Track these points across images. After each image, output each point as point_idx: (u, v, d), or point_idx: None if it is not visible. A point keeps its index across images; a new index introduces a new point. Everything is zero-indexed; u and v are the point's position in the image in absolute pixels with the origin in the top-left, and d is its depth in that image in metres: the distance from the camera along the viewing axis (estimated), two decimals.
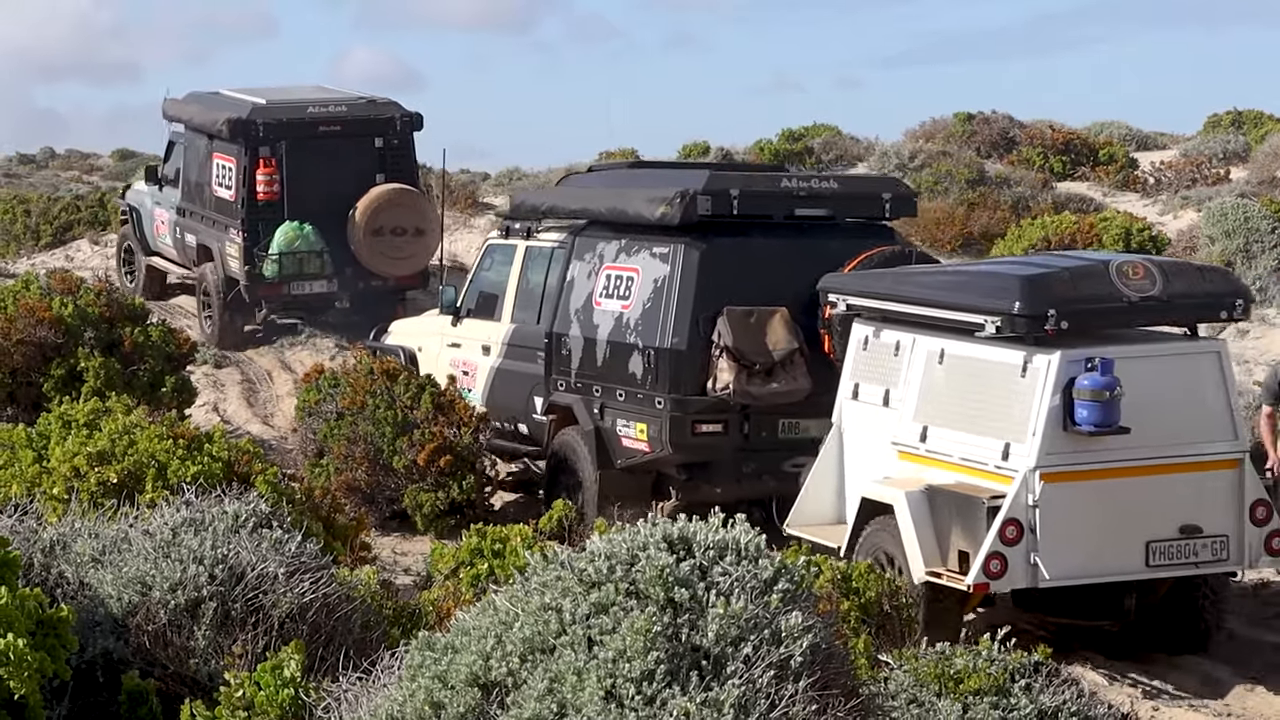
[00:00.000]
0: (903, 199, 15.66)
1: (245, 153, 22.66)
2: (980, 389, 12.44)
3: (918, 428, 12.71)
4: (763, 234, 15.03)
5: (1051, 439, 11.91)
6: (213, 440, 12.35)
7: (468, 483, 15.54)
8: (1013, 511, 11.88)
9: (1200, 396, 12.36)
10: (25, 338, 17.49)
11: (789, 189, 15.28)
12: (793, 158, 34.48)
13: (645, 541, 7.58)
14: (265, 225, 22.63)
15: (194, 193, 23.90)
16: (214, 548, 8.63)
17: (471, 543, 11.78)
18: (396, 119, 23.20)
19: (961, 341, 12.54)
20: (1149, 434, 12.13)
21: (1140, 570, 12.26)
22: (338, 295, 23.06)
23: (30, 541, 8.90)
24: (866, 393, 13.31)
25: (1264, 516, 12.39)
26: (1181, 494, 12.28)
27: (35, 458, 12.26)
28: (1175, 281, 12.53)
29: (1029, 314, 12.00)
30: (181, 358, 18.33)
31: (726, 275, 14.79)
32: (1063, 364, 11.94)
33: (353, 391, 16.08)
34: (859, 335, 13.46)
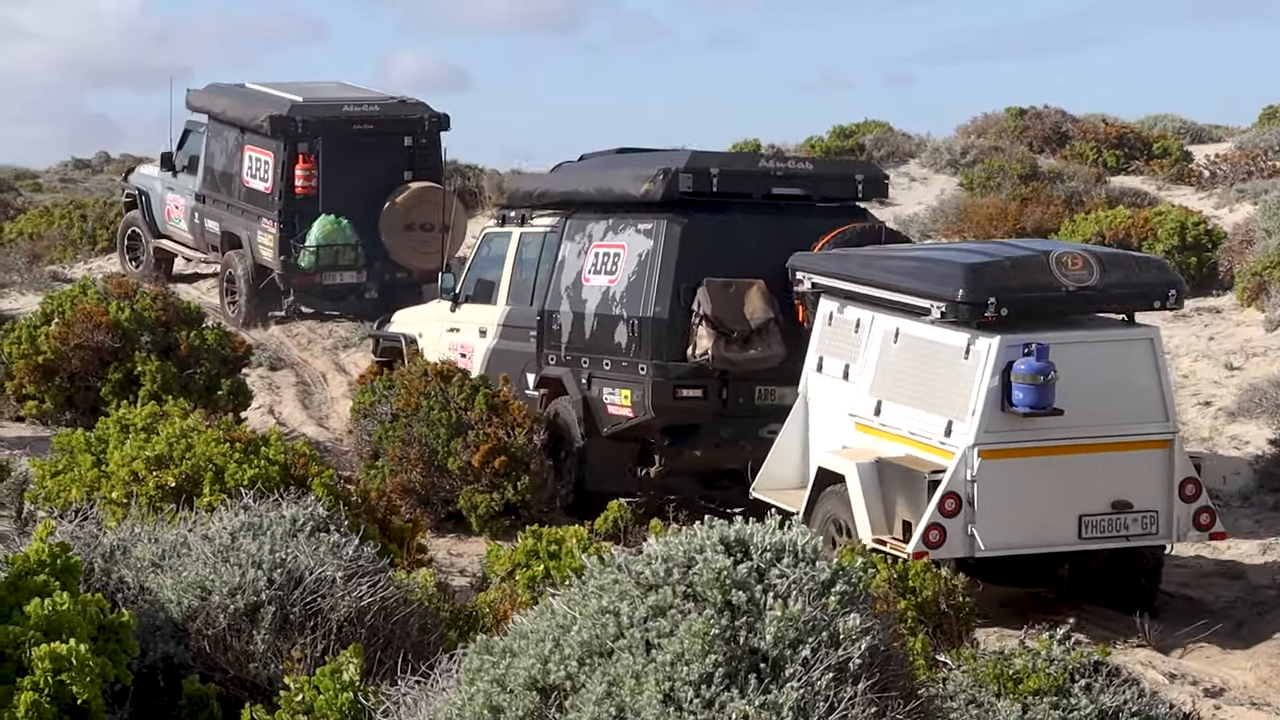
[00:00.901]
0: (874, 181, 16.62)
1: (285, 148, 23.72)
2: (929, 368, 13.20)
3: (873, 401, 13.54)
4: (741, 211, 15.92)
5: (990, 418, 12.67)
6: (269, 443, 12.39)
7: (522, 483, 15.56)
8: (952, 485, 12.65)
9: (1133, 380, 13.03)
10: (83, 342, 17.61)
11: (766, 169, 16.24)
12: (844, 155, 34.39)
13: (702, 544, 7.57)
14: (301, 218, 23.72)
15: (219, 182, 24.88)
16: (272, 552, 8.66)
17: (527, 544, 11.79)
18: (425, 119, 24.37)
19: (914, 322, 13.32)
20: (1084, 415, 12.81)
21: (1073, 542, 13.01)
22: (366, 286, 24.16)
23: (91, 547, 8.93)
24: (829, 366, 14.14)
25: (1193, 494, 13.10)
26: (1113, 471, 12.96)
27: (94, 462, 12.32)
28: (1112, 272, 13.24)
29: (971, 301, 12.79)
30: (237, 360, 18.42)
31: (706, 249, 15.66)
32: (1002, 348, 12.68)
33: (407, 393, 16.11)
34: (824, 311, 14.28)
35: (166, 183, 26.11)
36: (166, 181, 26.10)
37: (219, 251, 25.02)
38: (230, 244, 24.66)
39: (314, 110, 24.00)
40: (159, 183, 26.33)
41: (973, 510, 12.69)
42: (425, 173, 24.27)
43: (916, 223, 29.15)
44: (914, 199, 32.15)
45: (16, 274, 26.54)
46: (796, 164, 16.63)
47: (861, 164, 18.23)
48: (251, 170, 24.30)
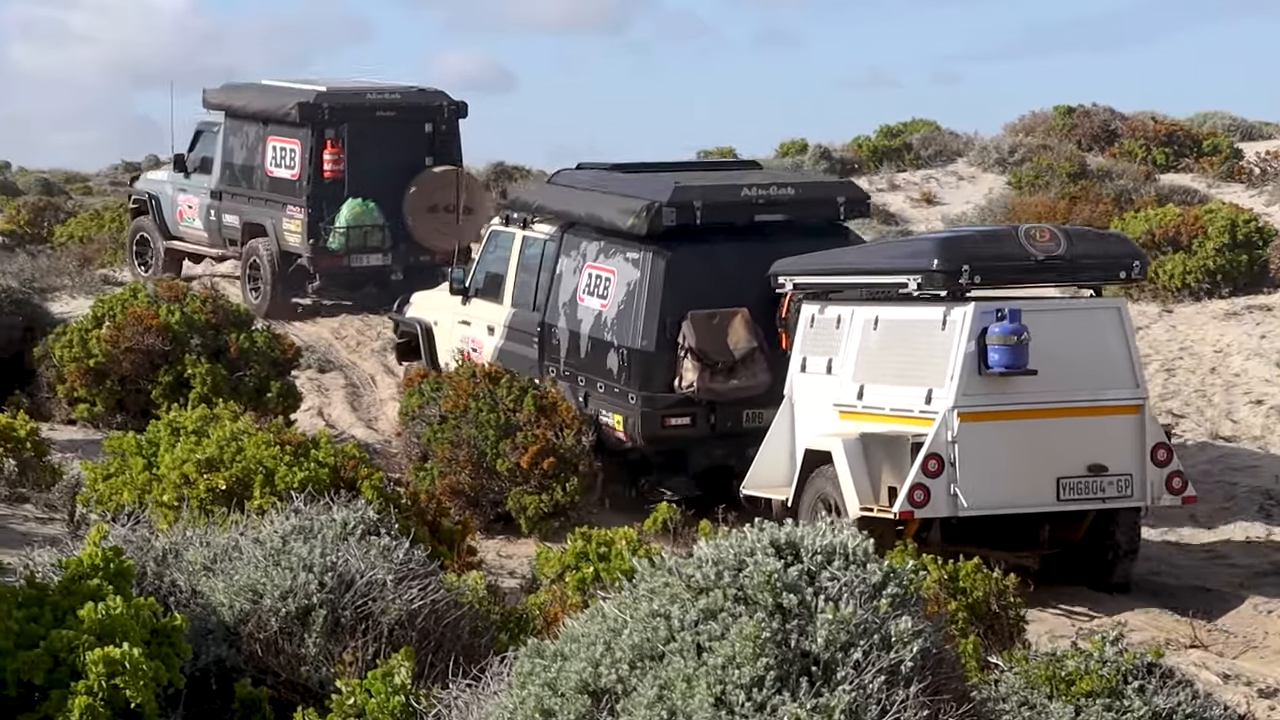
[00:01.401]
0: (856, 201, 16.99)
1: (312, 134, 24.51)
2: (907, 346, 13.90)
3: (855, 387, 14.20)
4: (726, 239, 16.25)
5: (968, 382, 13.37)
6: (319, 446, 12.42)
7: (571, 485, 15.56)
8: (934, 447, 13.32)
9: (1103, 348, 13.71)
10: (133, 345, 17.69)
11: (749, 197, 16.49)
12: (891, 154, 34.35)
13: (752, 547, 7.55)
14: (329, 202, 24.46)
15: (239, 175, 25.58)
16: (323, 555, 8.66)
17: (577, 546, 11.77)
18: (445, 106, 25.24)
19: (891, 307, 14.10)
20: (1057, 380, 13.51)
21: (1052, 503, 13.61)
22: (392, 268, 24.81)
23: (143, 550, 8.96)
24: (813, 364, 14.74)
25: (1164, 458, 13.74)
26: (1088, 435, 13.60)
27: (145, 465, 12.37)
28: (1078, 244, 14.06)
29: (945, 270, 13.52)
30: (286, 363, 18.47)
31: (691, 280, 16.08)
32: (976, 314, 13.38)
33: (455, 395, 16.14)
34: (806, 315, 14.90)
35: (178, 184, 26.72)
36: (178, 183, 26.72)
37: (237, 245, 25.67)
38: (251, 235, 25.27)
39: (339, 98, 24.83)
40: (169, 185, 26.94)
41: (955, 471, 13.32)
42: (446, 157, 25.11)
43: (965, 222, 29.07)
44: (962, 198, 32.07)
45: (67, 277, 26.67)
46: (779, 189, 16.72)
47: (843, 184, 18.41)
48: (276, 159, 25.06)
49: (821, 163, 34.66)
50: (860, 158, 34.71)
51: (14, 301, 19.99)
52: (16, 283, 21.82)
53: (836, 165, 34.53)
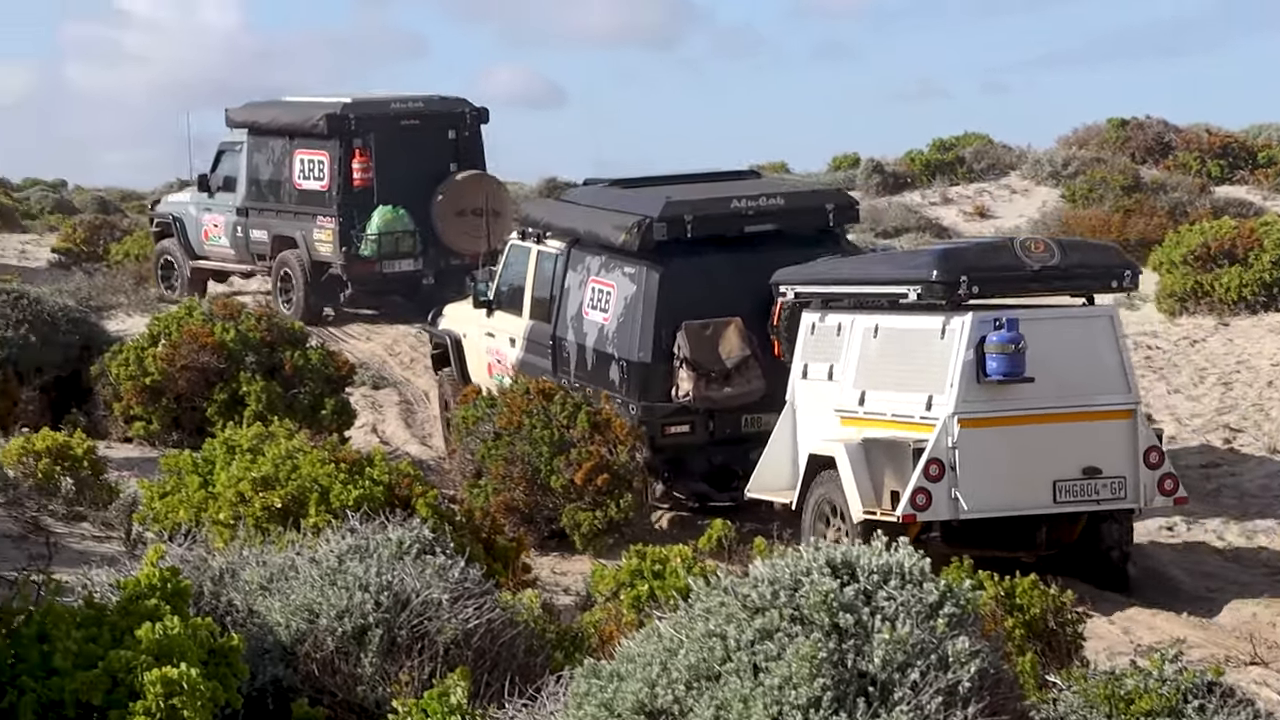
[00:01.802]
0: (845, 208, 17.36)
1: (340, 145, 25.26)
2: (908, 354, 14.27)
3: (857, 394, 14.56)
4: (717, 251, 16.70)
5: (967, 389, 13.75)
6: (373, 464, 12.43)
7: (625, 501, 15.55)
8: (935, 452, 13.71)
9: (1096, 355, 14.10)
10: (189, 363, 17.77)
11: (738, 209, 16.89)
12: (943, 167, 34.27)
13: (808, 566, 7.54)
14: (359, 211, 25.16)
15: (265, 191, 26.34)
16: (379, 575, 8.67)
17: (631, 564, 11.75)
18: (467, 113, 26.02)
19: (891, 315, 14.49)
20: (1052, 386, 13.90)
21: (1049, 505, 14.00)
22: (424, 273, 25.53)
23: (200, 570, 8.99)
24: (814, 371, 15.10)
25: (1156, 461, 14.11)
26: (1083, 439, 13.99)
27: (201, 483, 12.40)
28: (1072, 254, 14.46)
29: (944, 280, 13.89)
30: (341, 380, 18.52)
31: (685, 292, 16.53)
32: (975, 323, 13.77)
33: (509, 411, 16.15)
34: (807, 322, 15.28)
35: (202, 204, 27.38)
36: (202, 203, 27.39)
37: (265, 260, 26.34)
38: (281, 248, 25.95)
39: (365, 108, 25.53)
40: (193, 206, 27.62)
41: (955, 475, 13.73)
42: (470, 163, 25.82)
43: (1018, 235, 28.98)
44: (1015, 211, 31.98)
45: (123, 295, 26.83)
46: (768, 200, 17.08)
47: (831, 192, 18.58)
48: (304, 172, 25.77)
49: (874, 177, 34.62)
50: (913, 171, 34.64)
51: (71, 320, 20.10)
52: (73, 301, 21.94)
53: (889, 179, 34.49)
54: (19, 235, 39.83)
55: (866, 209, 30.77)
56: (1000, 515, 13.99)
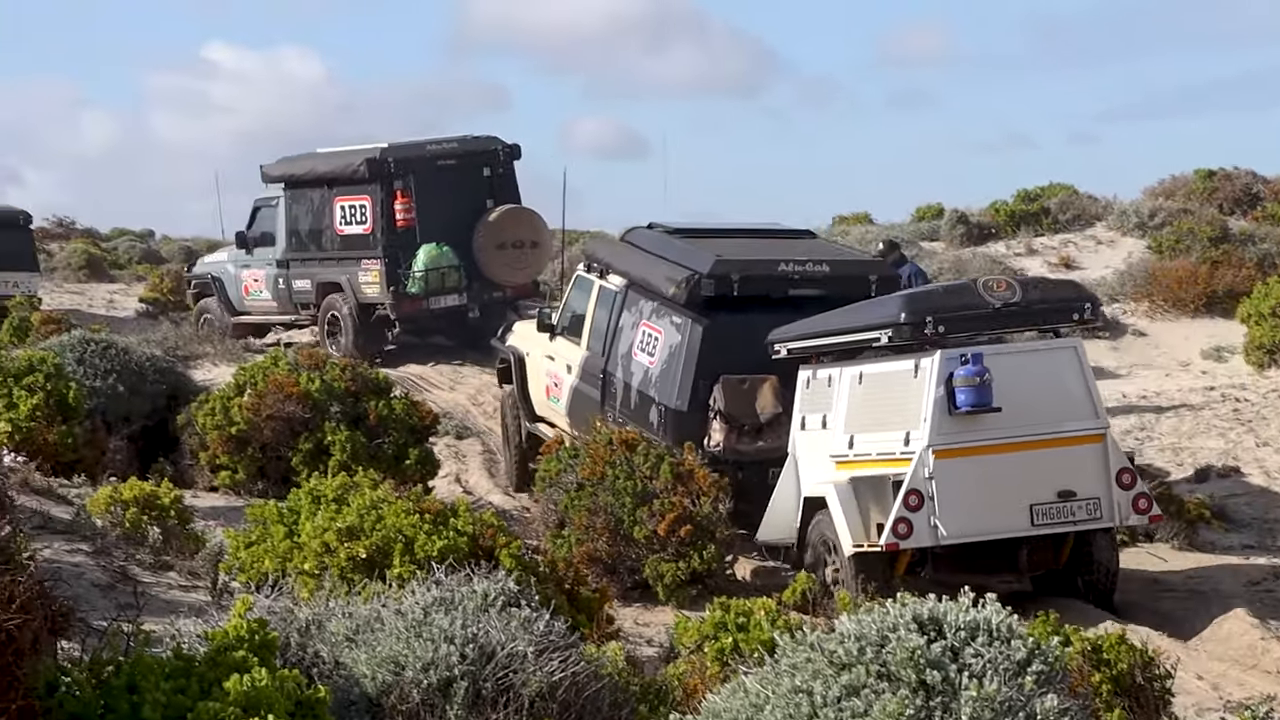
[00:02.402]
0: (887, 280, 17.95)
1: (382, 188, 26.13)
2: (887, 396, 15.13)
3: (847, 438, 15.44)
4: (761, 310, 17.30)
5: (940, 421, 14.53)
6: (458, 514, 12.45)
7: (708, 552, 15.52)
8: (913, 483, 14.50)
9: (1063, 384, 14.86)
10: (274, 413, 17.87)
11: (785, 273, 17.69)
12: (1028, 218, 34.12)
13: (895, 622, 7.50)
14: (404, 250, 26.08)
15: (306, 240, 27.30)
16: (464, 627, 8.67)
17: (715, 616, 11.72)
18: (500, 151, 27.02)
19: (873, 363, 15.42)
20: (1022, 415, 14.64)
21: (1027, 528, 14.73)
22: (469, 306, 26.55)
23: (287, 621, 9.01)
24: (810, 422, 16.06)
25: (1129, 482, 14.83)
26: (1056, 464, 14.71)
27: (286, 533, 12.45)
28: (1032, 291, 15.29)
29: (911, 322, 14.73)
30: (424, 430, 18.58)
31: (726, 347, 17.27)
32: (943, 361, 14.60)
33: (592, 462, 16.16)
34: (803, 378, 16.28)
35: (240, 261, 28.39)
36: (240, 260, 28.39)
37: (310, 309, 27.20)
38: (326, 293, 26.91)
39: (402, 152, 26.44)
40: (231, 265, 28.63)
41: (933, 504, 14.49)
42: (506, 198, 26.84)
43: (1104, 286, 28.80)
44: (1101, 262, 31.79)
45: (209, 345, 27.03)
46: (814, 266, 17.80)
47: (875, 263, 19.15)
48: (346, 218, 26.71)
49: (958, 227, 34.49)
50: (997, 222, 34.51)
51: (158, 369, 20.30)
52: (160, 351, 22.16)
53: (973, 230, 34.35)
54: (107, 285, 40.27)
55: (950, 260, 30.72)
56: (979, 539, 14.70)
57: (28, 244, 35.85)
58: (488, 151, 26.94)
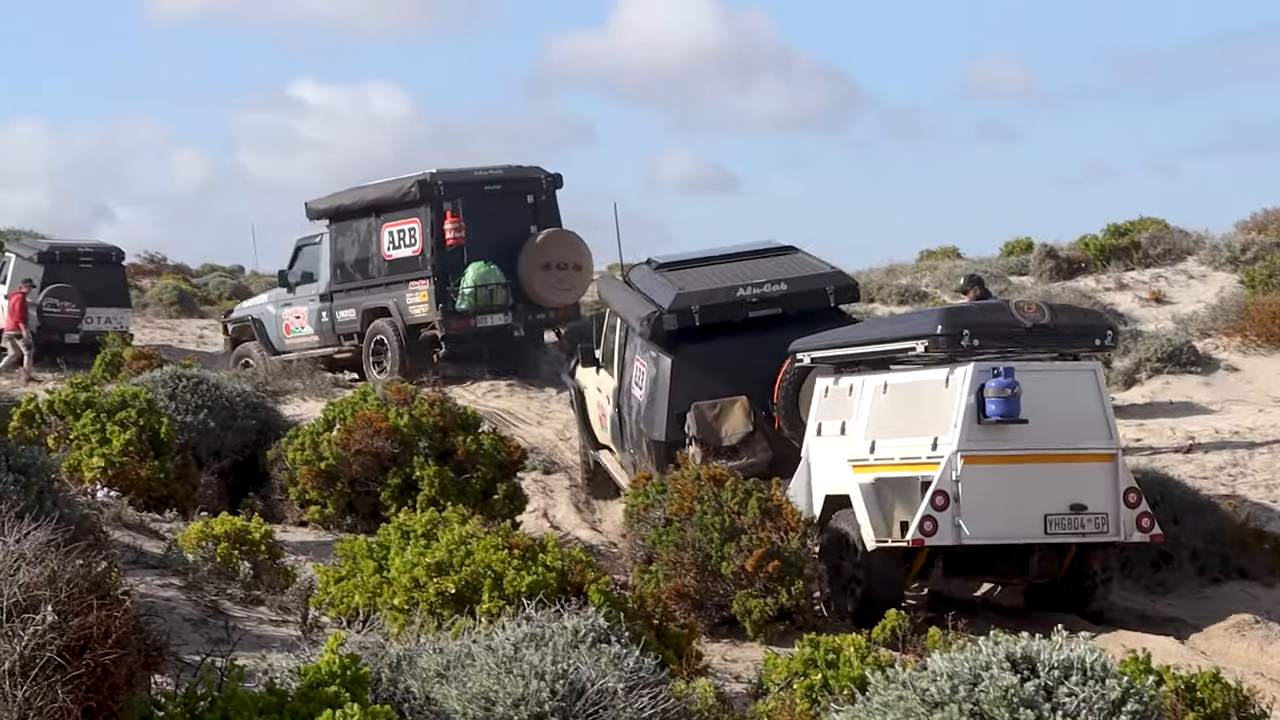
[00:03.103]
0: (845, 288, 19.09)
1: (432, 209, 27.05)
2: (914, 404, 15.94)
3: (868, 443, 16.13)
4: (726, 335, 18.37)
5: (969, 429, 15.36)
6: (546, 549, 12.46)
7: (796, 588, 15.46)
8: (940, 484, 15.31)
9: (1082, 403, 15.68)
10: (363, 448, 17.94)
11: (743, 297, 18.64)
12: (1118, 252, 33.90)
13: (988, 660, 7.45)
14: (452, 269, 27.02)
15: (352, 270, 28.17)
16: (554, 663, 8.67)
17: (805, 652, 11.67)
18: (543, 179, 28.00)
19: (899, 373, 16.22)
20: (1043, 430, 15.46)
21: (1040, 536, 15.53)
22: (514, 326, 27.50)
23: (378, 656, 9.03)
24: (828, 429, 16.77)
25: (1134, 501, 15.64)
26: (1070, 479, 15.54)
27: (376, 568, 12.49)
28: (1061, 315, 16.24)
29: (948, 334, 15.56)
30: (512, 465, 18.60)
31: (695, 375, 18.23)
32: (975, 372, 15.45)
33: (680, 498, 16.14)
34: (820, 387, 17.05)
35: (281, 301, 29.35)
36: (281, 300, 29.36)
37: (354, 338, 28.00)
38: (372, 319, 27.74)
39: (451, 176, 27.46)
40: (271, 305, 29.58)
41: (958, 505, 15.30)
42: (548, 224, 27.73)
43: (1195, 321, 28.54)
44: (1192, 296, 31.53)
45: (299, 380, 27.18)
46: (771, 287, 18.75)
47: (831, 274, 19.58)
48: (394, 243, 27.63)
49: (1047, 261, 34.31)
50: (1087, 256, 34.30)
51: (248, 405, 20.44)
52: (250, 386, 22.30)
53: (1062, 264, 34.16)
54: (198, 320, 40.61)
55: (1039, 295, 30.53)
56: (997, 542, 15.55)
57: (120, 280, 36.22)
58: (532, 179, 27.93)
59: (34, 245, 37.99)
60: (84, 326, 33.98)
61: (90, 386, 18.30)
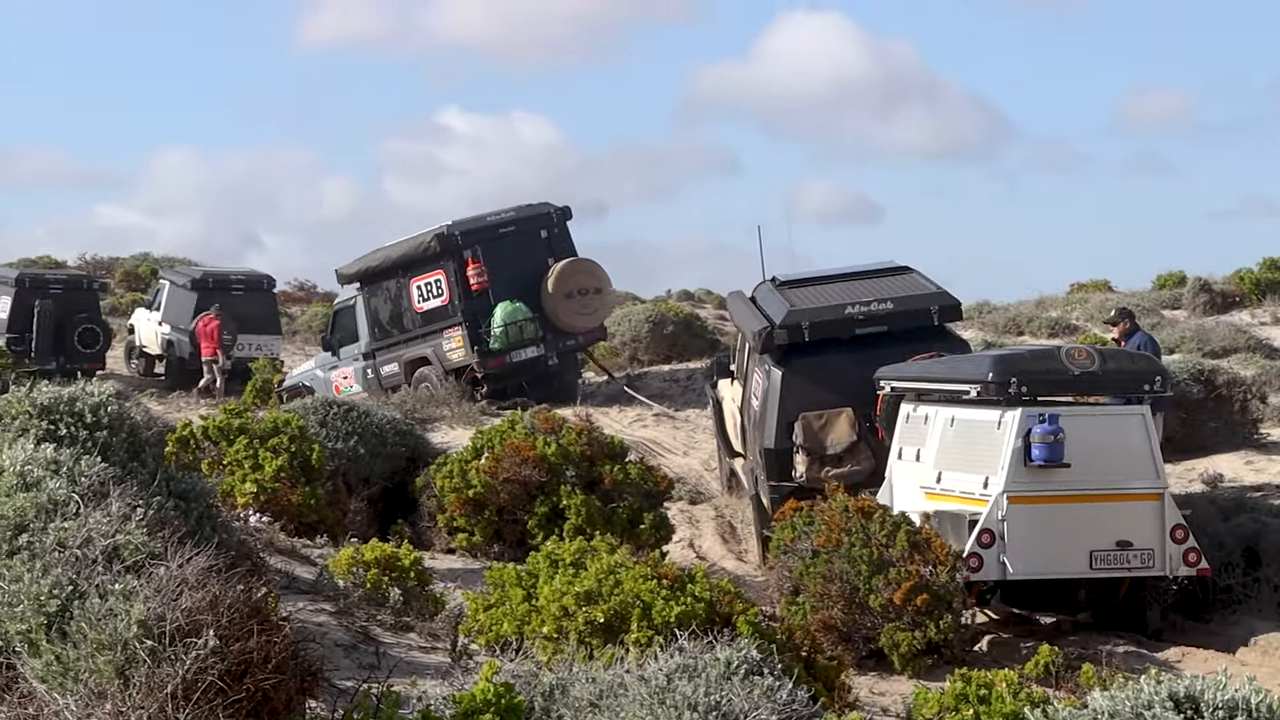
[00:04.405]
0: (949, 308, 19.90)
1: (454, 260, 28.57)
2: (972, 441, 16.65)
3: (935, 473, 16.92)
4: (834, 350, 19.38)
5: (1015, 471, 16.09)
6: (695, 580, 12.42)
7: (945, 622, 15.33)
8: (987, 523, 16.08)
9: (1129, 446, 16.27)
10: (511, 476, 18.02)
11: (851, 315, 19.59)
12: (1275, 287, 33.40)
13: (1150, 699, 7.32)
14: (481, 312, 28.55)
15: (389, 327, 29.71)
16: (707, 694, 8.63)
17: (956, 687, 11.57)
18: (553, 214, 29.49)
19: (964, 409, 16.90)
20: (1090, 471, 16.11)
21: (1085, 571, 16.24)
22: (547, 355, 28.99)
23: (530, 685, 9.04)
24: (907, 453, 17.54)
25: (1182, 537, 16.20)
26: (1116, 516, 16.19)
27: (525, 596, 12.51)
28: (1110, 362, 16.84)
29: (997, 381, 16.37)
30: (659, 495, 18.61)
31: (804, 387, 19.18)
32: (1023, 417, 16.16)
33: (828, 529, 16.06)
34: (903, 413, 17.76)
35: (327, 365, 30.85)
36: (327, 364, 30.88)
37: (398, 389, 29.10)
38: (414, 369, 29.15)
39: (466, 225, 28.96)
40: (320, 370, 31.00)
41: (1003, 543, 16.02)
42: (564, 255, 29.27)
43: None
44: None
45: (447, 408, 27.37)
46: (879, 306, 19.62)
47: (936, 294, 20.32)
48: (423, 296, 29.16)
49: (1200, 295, 33.87)
50: (1241, 291, 33.82)
51: (398, 432, 20.61)
52: (399, 414, 22.47)
53: (1216, 298, 33.70)
54: None
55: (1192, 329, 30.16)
56: (1042, 578, 16.25)
57: (271, 307, 36.73)
58: (543, 215, 29.41)
59: (187, 272, 38.61)
60: (236, 353, 34.46)
61: (243, 413, 18.52)
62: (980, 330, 34.71)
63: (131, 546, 8.46)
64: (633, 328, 34.50)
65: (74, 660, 7.91)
